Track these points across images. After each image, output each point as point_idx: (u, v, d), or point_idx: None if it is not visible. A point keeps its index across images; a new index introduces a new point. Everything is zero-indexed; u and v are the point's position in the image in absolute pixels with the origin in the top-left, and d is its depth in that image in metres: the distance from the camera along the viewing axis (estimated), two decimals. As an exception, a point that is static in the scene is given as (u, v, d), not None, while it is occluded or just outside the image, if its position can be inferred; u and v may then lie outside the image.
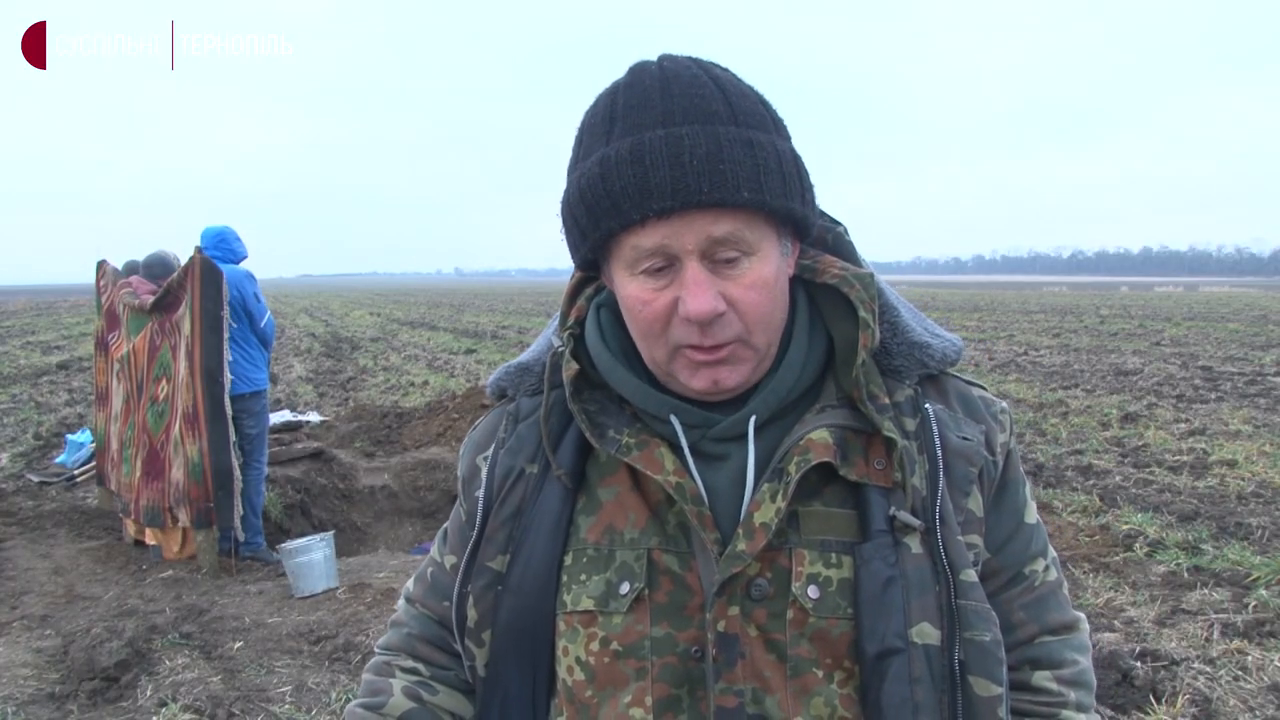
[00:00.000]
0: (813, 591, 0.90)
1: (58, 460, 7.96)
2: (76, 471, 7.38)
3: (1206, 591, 4.57)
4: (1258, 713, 3.38)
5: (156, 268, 5.96)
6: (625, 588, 0.94)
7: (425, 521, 7.32)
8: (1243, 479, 6.75)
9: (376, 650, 1.14)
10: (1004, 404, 1.04)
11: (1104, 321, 26.66)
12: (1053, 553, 1.05)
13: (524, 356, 1.09)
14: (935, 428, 0.95)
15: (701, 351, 0.90)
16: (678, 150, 0.83)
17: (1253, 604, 4.34)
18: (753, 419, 0.94)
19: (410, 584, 1.16)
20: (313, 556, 4.77)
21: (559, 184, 0.93)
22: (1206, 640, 3.99)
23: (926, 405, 0.97)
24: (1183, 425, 8.94)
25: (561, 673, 0.98)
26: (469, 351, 19.35)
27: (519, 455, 1.02)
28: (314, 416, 9.77)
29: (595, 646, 0.95)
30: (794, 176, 0.89)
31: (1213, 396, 10.91)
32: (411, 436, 8.73)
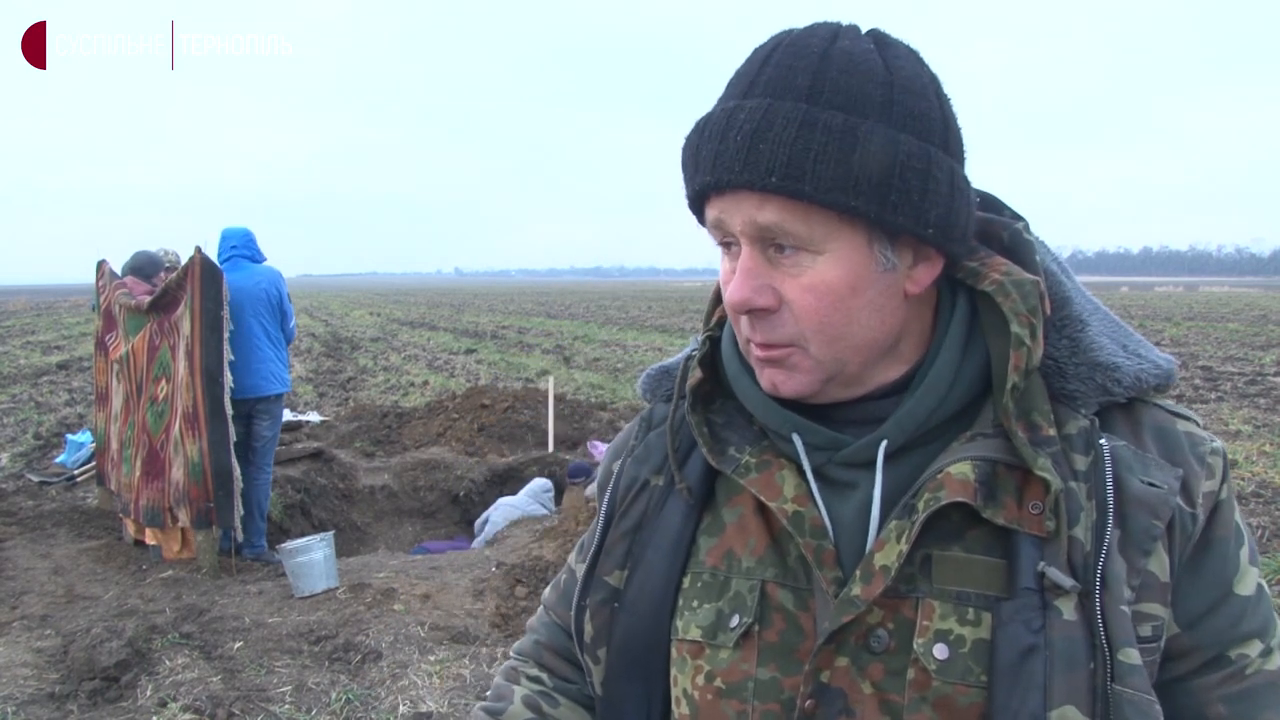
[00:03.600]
0: (940, 651, 0.77)
1: (58, 460, 7.94)
2: (76, 471, 7.38)
3: (1207, 591, 4.57)
4: (1258, 713, 3.38)
5: (146, 267, 6.01)
6: (735, 620, 0.84)
7: (425, 521, 7.33)
8: (1243, 479, 6.75)
9: (510, 655, 1.11)
10: (1217, 443, 0.83)
11: (1104, 321, 26.64)
12: None
13: (671, 358, 1.00)
14: (1110, 469, 0.78)
15: (760, 348, 0.82)
16: (729, 125, 0.75)
17: (1253, 604, 4.34)
18: (883, 444, 0.82)
19: (548, 589, 1.11)
20: (313, 556, 4.77)
21: (560, 184, 0.93)
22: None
23: (1103, 441, 0.79)
24: (1183, 425, 8.95)
25: (673, 702, 0.90)
26: (469, 351, 19.35)
27: (644, 465, 0.95)
28: (314, 416, 9.77)
29: (700, 680, 0.86)
30: (905, 179, 0.74)
31: (1213, 396, 10.91)
32: (411, 436, 8.74)
